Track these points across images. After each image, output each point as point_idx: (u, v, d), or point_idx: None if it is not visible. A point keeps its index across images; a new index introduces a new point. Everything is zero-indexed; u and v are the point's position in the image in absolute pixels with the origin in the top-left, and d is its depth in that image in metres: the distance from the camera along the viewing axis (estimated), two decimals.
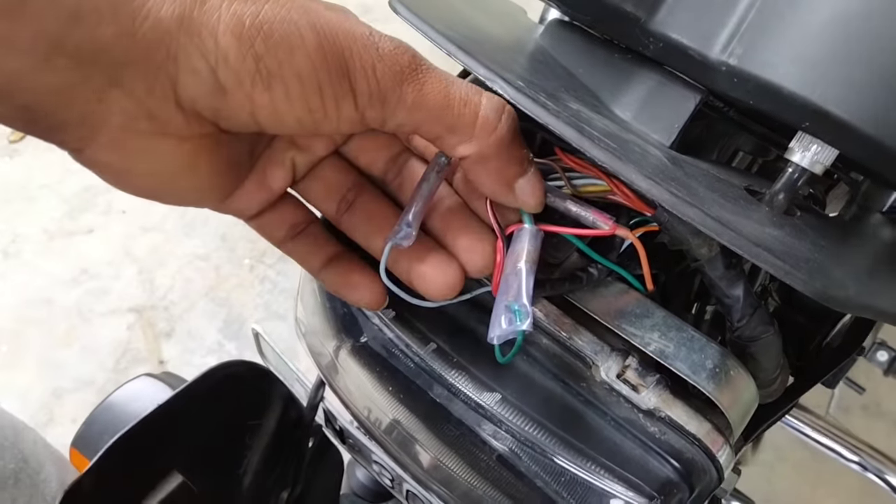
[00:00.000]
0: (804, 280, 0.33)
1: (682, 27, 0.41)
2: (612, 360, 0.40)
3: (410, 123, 0.35)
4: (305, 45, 0.32)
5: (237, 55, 0.31)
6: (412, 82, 0.34)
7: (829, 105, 0.35)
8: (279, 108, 0.33)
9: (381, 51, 0.33)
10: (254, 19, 0.31)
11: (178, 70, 0.31)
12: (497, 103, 0.36)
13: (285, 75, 0.32)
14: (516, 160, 0.38)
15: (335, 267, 0.43)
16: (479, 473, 0.47)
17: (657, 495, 0.39)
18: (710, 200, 0.37)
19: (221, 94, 0.32)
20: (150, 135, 0.32)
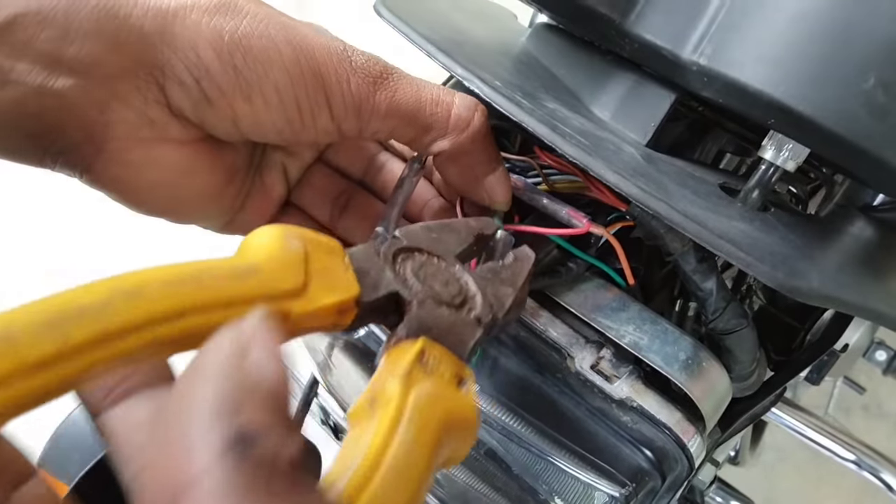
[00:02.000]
0: (766, 271, 0.34)
1: (655, 28, 0.42)
2: (586, 352, 0.41)
3: (385, 130, 0.37)
4: (283, 59, 0.33)
5: (218, 68, 0.32)
6: (384, 90, 0.35)
7: (792, 102, 0.36)
8: (260, 119, 0.34)
9: (354, 63, 0.35)
10: (233, 34, 0.32)
11: (166, 80, 0.32)
12: (469, 101, 0.38)
13: (264, 88, 0.34)
14: (487, 157, 0.39)
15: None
16: (466, 467, 0.48)
17: (629, 483, 0.40)
18: (678, 195, 0.38)
19: (207, 104, 0.33)
20: (151, 142, 0.34)
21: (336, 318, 0.28)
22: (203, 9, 0.32)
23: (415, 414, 0.24)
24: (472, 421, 0.27)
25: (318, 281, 0.27)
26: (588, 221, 0.41)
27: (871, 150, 0.37)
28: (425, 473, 0.23)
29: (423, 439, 0.23)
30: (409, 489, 0.22)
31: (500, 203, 0.41)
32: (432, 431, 0.24)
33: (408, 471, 0.22)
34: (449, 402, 0.26)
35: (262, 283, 0.25)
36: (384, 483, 0.21)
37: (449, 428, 0.25)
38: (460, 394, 0.27)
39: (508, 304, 0.34)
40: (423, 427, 0.24)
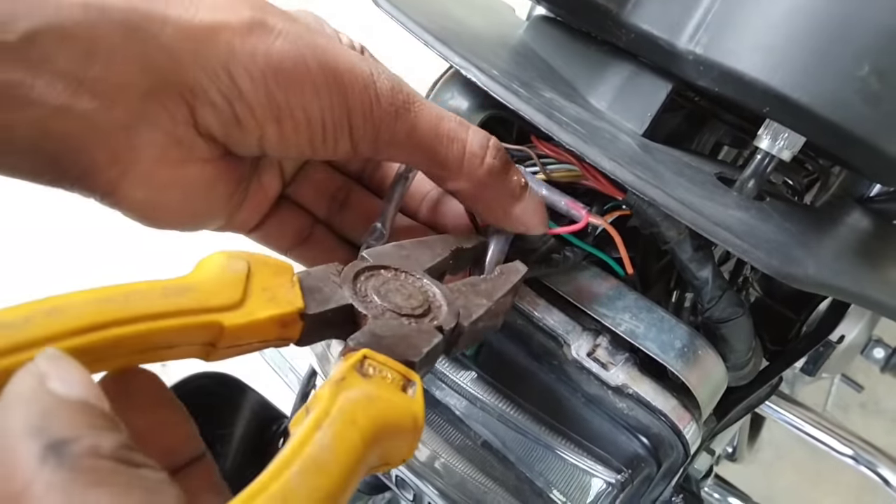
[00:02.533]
0: (762, 258, 0.34)
1: (651, 18, 0.43)
2: (583, 339, 0.41)
3: (400, 158, 0.37)
4: (314, 83, 0.33)
5: (251, 90, 0.32)
6: (404, 122, 0.35)
7: (787, 89, 0.37)
8: (285, 139, 0.34)
9: (380, 90, 0.35)
10: (266, 56, 0.32)
11: (196, 101, 0.32)
12: (482, 138, 0.37)
13: (294, 111, 0.33)
14: (507, 191, 0.38)
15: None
16: (465, 458, 0.49)
17: (625, 469, 0.40)
18: (674, 183, 0.39)
19: (236, 125, 0.33)
20: (179, 163, 0.33)
21: (279, 332, 0.29)
22: (235, 30, 0.31)
23: (339, 415, 0.24)
24: (411, 422, 0.27)
25: (257, 297, 0.28)
26: (587, 213, 0.41)
27: (865, 137, 0.37)
28: (343, 473, 0.23)
29: (345, 439, 0.24)
30: (320, 488, 0.22)
31: (536, 230, 0.40)
32: (358, 431, 0.24)
33: (320, 469, 0.22)
34: (385, 403, 0.26)
35: (193, 298, 0.26)
36: (290, 481, 0.21)
37: (382, 428, 0.25)
38: (402, 396, 0.28)
39: (478, 314, 0.34)
40: (346, 427, 0.24)
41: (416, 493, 0.54)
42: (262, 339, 0.28)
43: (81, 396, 0.19)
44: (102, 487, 0.17)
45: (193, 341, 0.26)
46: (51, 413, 0.18)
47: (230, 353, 0.28)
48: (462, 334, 0.34)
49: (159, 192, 0.34)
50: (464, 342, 0.34)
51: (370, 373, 0.28)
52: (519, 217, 0.39)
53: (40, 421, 0.18)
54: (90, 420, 0.19)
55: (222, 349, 0.27)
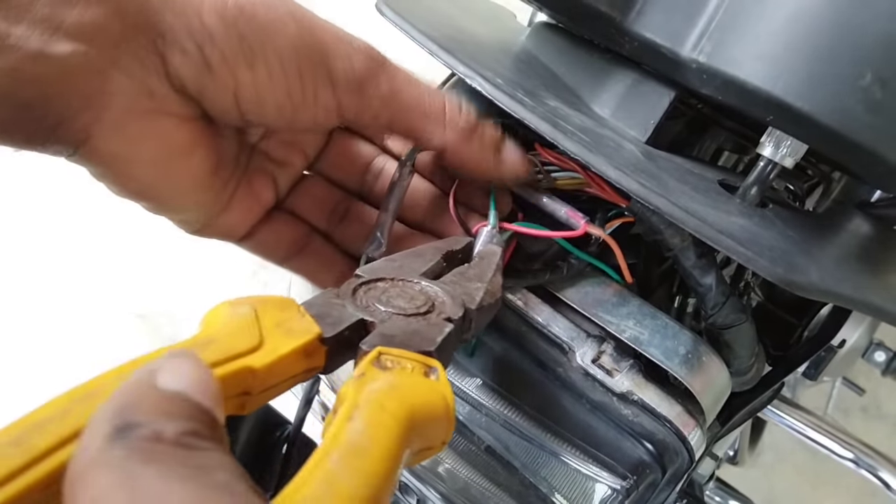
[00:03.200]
0: (766, 266, 0.35)
1: (654, 27, 0.43)
2: (587, 346, 0.42)
3: (385, 114, 0.37)
4: (287, 30, 0.34)
5: (222, 34, 0.32)
6: (385, 73, 0.36)
7: (790, 98, 0.37)
8: (261, 90, 0.34)
9: (355, 45, 0.35)
10: (237, 0, 0.32)
11: (167, 47, 0.32)
12: (457, 100, 0.38)
13: (268, 55, 0.33)
14: (490, 140, 0.40)
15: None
16: (469, 463, 0.49)
17: (630, 475, 0.41)
18: (678, 191, 0.39)
19: (208, 71, 0.33)
20: (151, 114, 0.33)
21: (306, 362, 0.29)
22: None
23: (366, 404, 0.24)
24: (441, 402, 0.27)
25: (274, 335, 0.28)
26: (586, 222, 0.42)
27: (867, 145, 0.37)
28: (384, 455, 0.23)
29: (378, 423, 0.24)
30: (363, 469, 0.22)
31: (522, 176, 0.41)
32: (390, 415, 0.24)
33: (360, 453, 0.22)
34: (410, 388, 0.27)
35: (218, 350, 0.26)
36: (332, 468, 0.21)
37: (413, 411, 0.25)
38: (427, 381, 0.28)
39: (479, 297, 0.35)
40: (376, 413, 0.24)
41: (419, 497, 0.55)
42: (291, 375, 0.28)
43: (180, 389, 0.20)
44: (152, 465, 0.18)
45: (229, 392, 0.26)
46: (138, 400, 0.20)
47: (263, 398, 0.28)
48: (472, 320, 0.34)
49: (131, 144, 0.34)
50: (475, 327, 0.35)
51: (388, 365, 0.28)
52: (505, 163, 0.40)
53: (124, 406, 0.19)
54: (170, 407, 0.20)
55: (256, 395, 0.27)
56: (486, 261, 0.39)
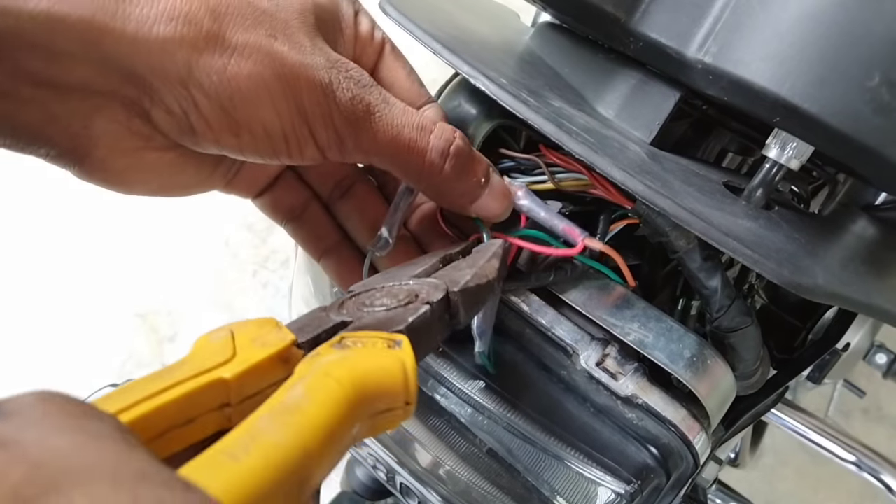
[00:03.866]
0: (772, 268, 0.34)
1: (660, 27, 0.42)
2: (591, 349, 0.41)
3: (367, 162, 0.38)
4: (271, 97, 0.33)
5: (206, 105, 0.33)
6: (366, 130, 0.36)
7: (797, 99, 0.37)
8: (245, 149, 0.35)
9: (339, 101, 0.35)
10: (221, 75, 0.32)
11: (152, 106, 0.33)
12: (443, 144, 0.38)
13: (252, 126, 0.34)
14: (466, 191, 0.40)
15: (334, 257, 0.45)
16: (470, 465, 0.49)
17: (634, 480, 0.40)
18: (684, 193, 0.38)
19: (192, 133, 0.34)
20: (135, 150, 0.34)
21: (285, 369, 0.28)
22: (191, 44, 0.31)
23: (311, 375, 0.24)
24: (398, 368, 0.27)
25: (247, 348, 0.28)
26: (583, 238, 0.41)
27: (875, 147, 0.37)
28: (322, 416, 0.23)
29: (319, 388, 0.24)
30: (291, 429, 0.21)
31: (497, 219, 0.41)
32: (335, 381, 0.24)
33: (291, 410, 0.22)
34: (364, 357, 0.26)
35: (189, 368, 0.26)
36: (257, 424, 0.21)
37: (364, 379, 0.25)
38: (386, 350, 0.27)
39: (465, 280, 0.34)
40: (319, 379, 0.24)
41: (420, 500, 0.54)
42: (272, 382, 0.28)
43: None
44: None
45: (207, 406, 0.26)
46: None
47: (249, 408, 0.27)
48: (457, 301, 0.33)
49: (120, 174, 0.35)
50: (465, 310, 0.34)
51: (349, 345, 0.28)
52: (476, 210, 0.41)
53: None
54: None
55: (238, 406, 0.27)
56: (483, 252, 0.38)
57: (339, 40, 0.39)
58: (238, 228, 2.14)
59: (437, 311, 0.32)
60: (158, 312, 2.00)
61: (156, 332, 1.97)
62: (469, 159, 0.39)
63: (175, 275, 2.08)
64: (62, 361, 1.89)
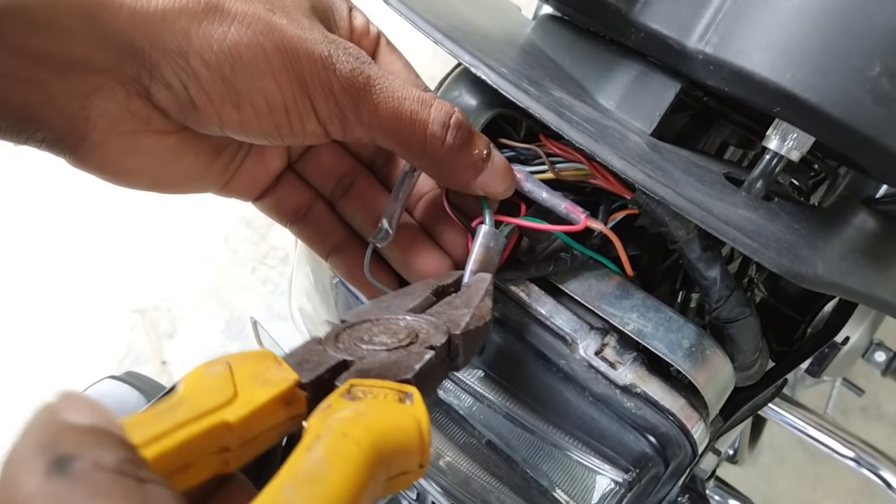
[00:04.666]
0: (772, 258, 0.34)
1: (661, 17, 0.43)
2: (590, 338, 0.41)
3: (368, 137, 0.37)
4: (272, 68, 0.33)
5: (207, 77, 0.32)
6: (366, 103, 0.36)
7: (798, 89, 0.37)
8: (247, 125, 0.35)
9: (339, 73, 0.35)
10: (221, 43, 0.32)
11: (152, 82, 0.32)
12: (444, 116, 0.38)
13: (254, 97, 0.34)
14: (469, 164, 0.39)
15: (342, 254, 0.44)
16: (470, 456, 0.49)
17: (633, 468, 0.40)
18: (684, 183, 0.38)
19: (193, 108, 0.34)
20: (133, 133, 0.34)
21: (287, 411, 0.28)
22: (191, 14, 0.31)
23: (328, 433, 0.24)
24: (414, 429, 0.26)
25: (249, 387, 0.27)
26: (586, 217, 0.41)
27: (875, 137, 0.37)
28: (344, 485, 0.22)
29: (339, 451, 0.23)
30: (318, 496, 0.21)
31: (501, 195, 0.41)
32: (353, 442, 0.23)
33: (315, 480, 0.21)
34: (378, 414, 0.26)
35: (189, 409, 0.25)
36: (282, 495, 0.20)
37: (382, 440, 0.25)
38: (399, 406, 0.27)
39: (465, 322, 0.34)
40: (337, 440, 0.23)
41: (419, 492, 0.54)
42: (273, 425, 0.27)
43: (92, 421, 0.20)
44: (101, 496, 0.17)
45: (207, 450, 0.25)
46: (60, 435, 0.19)
47: (248, 452, 0.27)
48: (458, 345, 0.33)
49: (117, 159, 0.35)
50: (464, 353, 0.34)
51: (359, 396, 0.27)
52: (481, 186, 0.40)
53: (49, 441, 0.19)
54: (97, 439, 0.19)
55: (238, 450, 0.26)
56: (475, 287, 0.38)
57: (336, 31, 0.39)
58: (237, 225, 2.14)
59: (440, 355, 0.32)
60: (157, 308, 2.00)
61: (155, 328, 1.97)
62: (469, 132, 0.39)
63: (174, 271, 2.08)
64: (61, 357, 1.89)
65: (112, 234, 2.13)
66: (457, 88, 0.47)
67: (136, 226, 2.15)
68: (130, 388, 0.83)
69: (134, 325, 1.97)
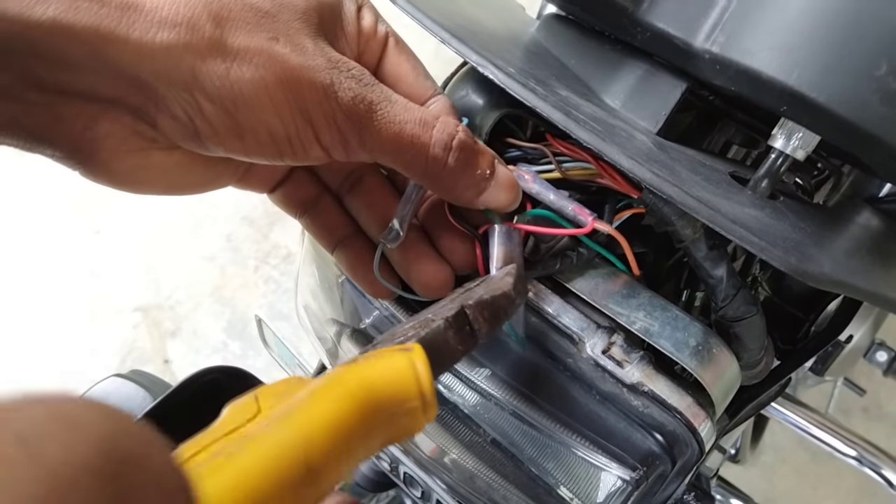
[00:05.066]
0: (779, 256, 0.34)
1: (667, 17, 0.43)
2: (598, 337, 0.42)
3: (371, 160, 0.38)
4: (273, 101, 0.34)
5: (211, 111, 0.33)
6: (368, 129, 0.36)
7: (804, 88, 0.37)
8: (251, 152, 0.35)
9: (341, 100, 0.35)
10: (224, 80, 0.33)
11: (158, 112, 0.33)
12: (446, 137, 0.38)
13: (257, 129, 0.34)
14: (472, 183, 0.40)
15: (346, 249, 0.45)
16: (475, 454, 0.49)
17: (639, 466, 0.40)
18: (691, 182, 0.39)
19: (196, 138, 0.34)
20: (140, 150, 0.35)
21: None
22: (195, 51, 0.32)
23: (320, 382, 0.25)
24: (404, 367, 0.27)
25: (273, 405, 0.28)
26: (593, 219, 0.41)
27: (882, 136, 0.37)
28: (323, 421, 0.23)
29: (326, 394, 0.24)
30: (291, 430, 0.22)
31: (505, 210, 0.41)
32: (343, 386, 0.25)
33: (290, 418, 0.22)
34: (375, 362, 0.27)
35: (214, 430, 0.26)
36: (252, 432, 0.21)
37: (371, 379, 0.26)
38: (395, 352, 0.28)
39: (478, 296, 0.34)
40: (330, 386, 0.24)
41: (424, 490, 0.54)
42: None
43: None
44: None
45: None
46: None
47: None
48: (473, 315, 0.34)
49: (127, 174, 0.36)
50: (485, 323, 0.34)
51: (360, 360, 0.28)
52: (484, 203, 0.41)
53: None
54: None
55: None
56: (497, 275, 0.39)
57: (342, 37, 0.39)
58: (240, 223, 2.14)
59: (452, 324, 0.32)
60: (160, 307, 2.01)
61: (157, 326, 1.97)
62: (473, 152, 0.39)
63: (176, 270, 2.08)
64: (64, 356, 1.89)
65: (114, 232, 2.14)
66: (463, 88, 0.47)
67: (138, 224, 2.15)
68: (136, 386, 0.83)
69: (136, 323, 1.97)
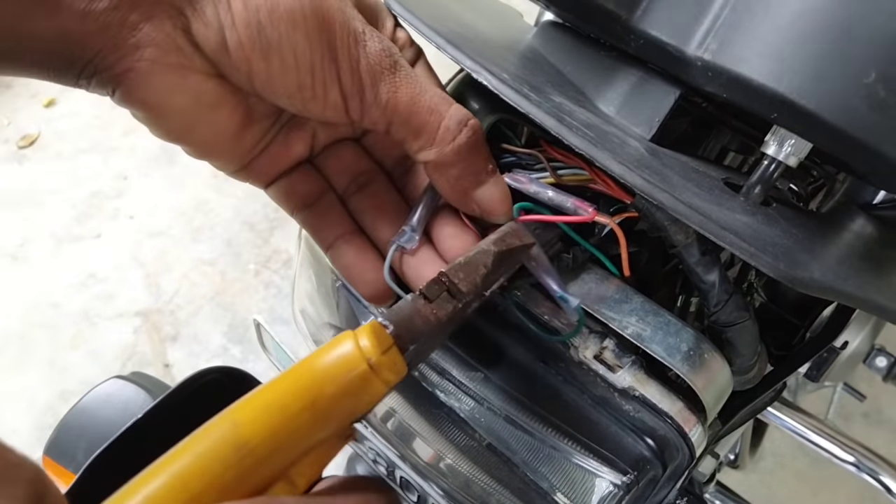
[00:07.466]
0: (769, 262, 0.35)
1: (660, 24, 0.43)
2: (589, 341, 0.42)
3: (382, 121, 0.38)
4: (307, 24, 0.35)
5: (243, 21, 0.34)
6: (388, 84, 0.37)
7: (795, 96, 0.37)
8: (273, 79, 0.36)
9: (368, 49, 0.36)
10: None
11: (193, 18, 0.34)
12: (462, 115, 0.38)
13: (283, 49, 0.35)
14: (473, 171, 0.40)
15: (343, 248, 0.44)
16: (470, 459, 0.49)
17: (631, 471, 0.41)
18: (682, 188, 0.39)
19: (225, 51, 0.35)
20: (178, 68, 0.36)
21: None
22: None
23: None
24: (344, 339, 0.29)
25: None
26: (594, 210, 0.42)
27: (871, 144, 0.38)
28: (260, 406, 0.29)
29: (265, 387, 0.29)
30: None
31: (495, 217, 0.42)
32: (284, 374, 0.29)
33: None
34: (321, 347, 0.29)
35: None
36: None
37: (312, 363, 0.29)
38: (342, 333, 0.30)
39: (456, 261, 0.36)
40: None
41: (420, 494, 0.55)
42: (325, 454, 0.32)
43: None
44: None
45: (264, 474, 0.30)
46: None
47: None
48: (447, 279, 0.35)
49: (160, 94, 0.36)
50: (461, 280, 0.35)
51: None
52: (479, 200, 0.41)
53: None
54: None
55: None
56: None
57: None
58: (240, 228, 2.15)
59: (423, 293, 0.33)
60: (160, 311, 2.01)
61: (157, 331, 1.98)
62: (482, 141, 0.40)
63: (177, 274, 2.08)
64: (64, 361, 1.90)
65: (115, 235, 2.14)
66: (457, 94, 0.48)
67: (139, 229, 2.15)
68: (137, 388, 0.84)
69: (137, 327, 1.98)
